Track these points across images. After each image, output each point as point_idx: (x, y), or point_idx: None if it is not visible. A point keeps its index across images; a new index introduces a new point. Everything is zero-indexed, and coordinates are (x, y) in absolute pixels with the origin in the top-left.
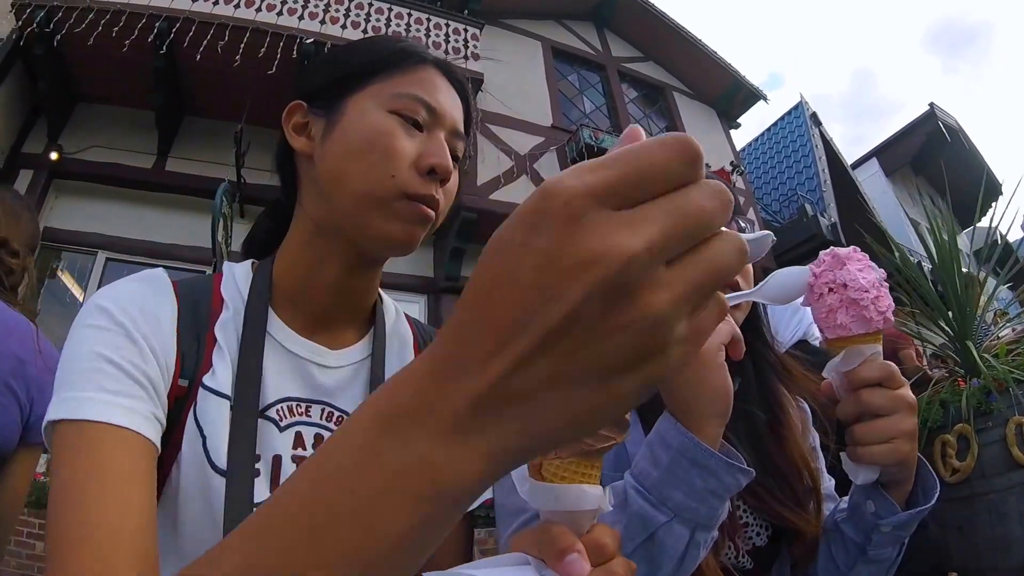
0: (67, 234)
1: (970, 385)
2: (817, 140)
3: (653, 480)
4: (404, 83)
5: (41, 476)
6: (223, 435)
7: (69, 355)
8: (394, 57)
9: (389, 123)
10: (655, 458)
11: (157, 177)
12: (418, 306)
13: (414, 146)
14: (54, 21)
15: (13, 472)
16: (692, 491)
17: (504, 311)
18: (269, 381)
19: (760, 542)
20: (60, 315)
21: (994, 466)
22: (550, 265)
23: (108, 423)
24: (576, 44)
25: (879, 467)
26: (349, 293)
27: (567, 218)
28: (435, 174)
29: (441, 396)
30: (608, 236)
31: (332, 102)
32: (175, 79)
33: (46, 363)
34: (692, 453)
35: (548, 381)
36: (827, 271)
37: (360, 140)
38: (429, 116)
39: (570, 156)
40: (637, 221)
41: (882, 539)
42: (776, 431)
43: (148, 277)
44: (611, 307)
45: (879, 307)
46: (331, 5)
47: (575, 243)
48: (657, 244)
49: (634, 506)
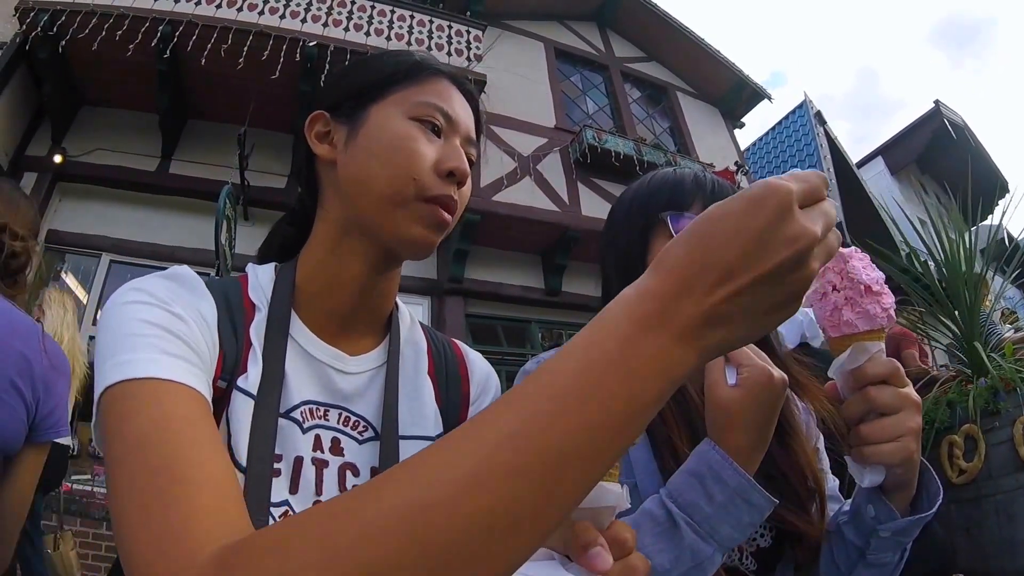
0: (71, 236)
1: (977, 385)
2: (822, 139)
3: (705, 515)
4: (422, 93)
5: None
6: (246, 433)
7: (112, 328)
8: (412, 69)
9: (411, 129)
10: (708, 493)
11: (161, 180)
12: (422, 308)
13: (434, 151)
14: (58, 25)
15: (19, 471)
16: (739, 525)
17: (730, 257)
18: (292, 383)
19: (764, 544)
20: None
21: (1002, 467)
22: (771, 233)
23: (178, 382)
24: (579, 45)
25: (884, 468)
26: (371, 295)
27: (785, 205)
28: (453, 177)
29: (679, 311)
30: (806, 223)
31: (355, 111)
32: (178, 82)
33: (51, 361)
34: (747, 494)
35: (746, 308)
36: (831, 269)
37: (384, 145)
38: (447, 123)
39: (573, 157)
40: (816, 216)
41: (881, 544)
42: (780, 434)
43: (179, 275)
44: (797, 266)
45: (883, 304)
46: (334, 8)
47: (789, 223)
48: (823, 231)
49: (688, 539)
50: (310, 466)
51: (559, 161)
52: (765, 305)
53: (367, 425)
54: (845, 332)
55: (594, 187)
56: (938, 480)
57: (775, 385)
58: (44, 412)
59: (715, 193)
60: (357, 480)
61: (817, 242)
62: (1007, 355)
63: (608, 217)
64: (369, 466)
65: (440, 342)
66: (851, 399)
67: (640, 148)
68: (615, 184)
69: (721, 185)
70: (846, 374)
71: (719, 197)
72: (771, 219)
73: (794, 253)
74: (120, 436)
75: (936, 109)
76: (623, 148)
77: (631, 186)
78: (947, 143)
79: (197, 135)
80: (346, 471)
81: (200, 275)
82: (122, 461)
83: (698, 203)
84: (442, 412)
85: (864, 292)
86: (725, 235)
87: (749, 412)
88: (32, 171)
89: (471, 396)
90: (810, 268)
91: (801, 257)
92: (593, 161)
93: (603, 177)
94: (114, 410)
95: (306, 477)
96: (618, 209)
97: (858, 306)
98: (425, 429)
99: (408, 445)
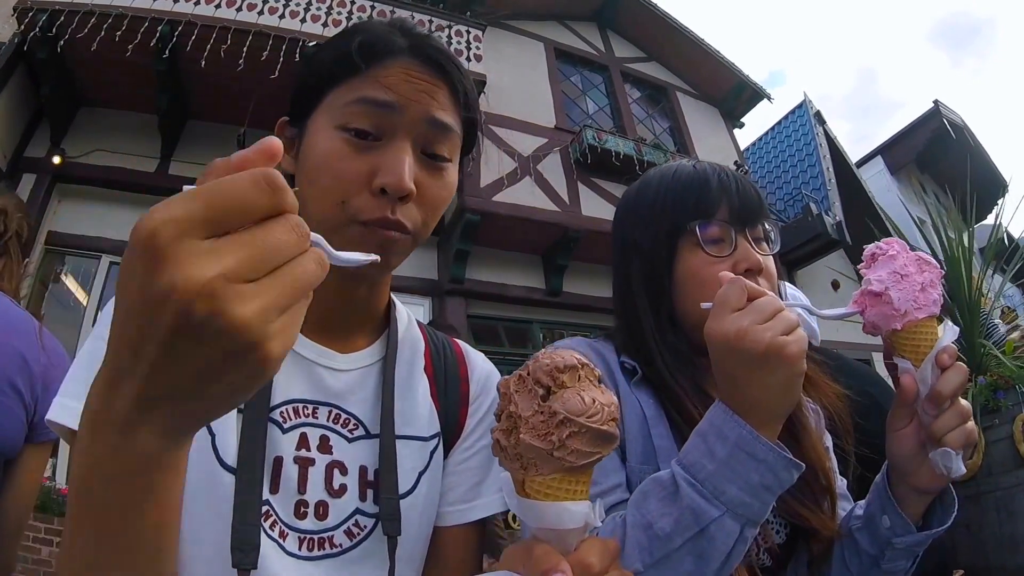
0: (71, 238)
1: (977, 383)
2: (821, 139)
3: (708, 472)
4: (357, 87)
5: (47, 480)
6: (231, 433)
7: (79, 354)
8: (352, 57)
9: (336, 142)
10: (710, 450)
11: (160, 181)
12: (423, 308)
13: (367, 164)
14: (56, 25)
15: (22, 471)
16: (748, 486)
17: (130, 332)
18: (278, 383)
19: (779, 539)
20: (64, 319)
21: (1002, 464)
22: (145, 294)
23: None
24: (579, 45)
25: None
26: (354, 301)
27: (152, 250)
28: (387, 194)
29: (112, 402)
30: (187, 266)
31: (300, 119)
32: (178, 83)
33: (50, 359)
34: (751, 447)
35: (181, 380)
36: (901, 254)
37: (312, 165)
38: (385, 117)
39: (573, 157)
40: (216, 251)
41: (896, 555)
42: (793, 431)
43: None
44: (200, 322)
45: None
46: (333, 8)
47: (158, 274)
48: (233, 271)
49: (686, 499)
50: (292, 465)
51: (559, 161)
52: (205, 367)
53: (358, 423)
54: (933, 312)
55: (594, 187)
56: (954, 491)
57: (723, 339)
58: (44, 411)
59: (740, 194)
60: (345, 479)
61: (215, 283)
62: (1007, 353)
63: (623, 214)
64: (358, 464)
65: (439, 341)
66: (951, 377)
67: (640, 148)
68: (615, 184)
69: (743, 183)
70: (939, 355)
71: (744, 197)
72: (142, 273)
73: (176, 311)
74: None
75: (935, 109)
76: (623, 148)
77: (649, 181)
78: (946, 143)
79: (196, 136)
80: (333, 469)
81: None
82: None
83: (724, 207)
84: (440, 411)
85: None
86: (120, 302)
87: (717, 364)
88: (31, 172)
89: (471, 395)
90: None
91: (192, 310)
92: (593, 161)
93: (603, 177)
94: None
95: (287, 476)
96: (638, 208)
97: (937, 288)
98: (417, 429)
99: (399, 445)
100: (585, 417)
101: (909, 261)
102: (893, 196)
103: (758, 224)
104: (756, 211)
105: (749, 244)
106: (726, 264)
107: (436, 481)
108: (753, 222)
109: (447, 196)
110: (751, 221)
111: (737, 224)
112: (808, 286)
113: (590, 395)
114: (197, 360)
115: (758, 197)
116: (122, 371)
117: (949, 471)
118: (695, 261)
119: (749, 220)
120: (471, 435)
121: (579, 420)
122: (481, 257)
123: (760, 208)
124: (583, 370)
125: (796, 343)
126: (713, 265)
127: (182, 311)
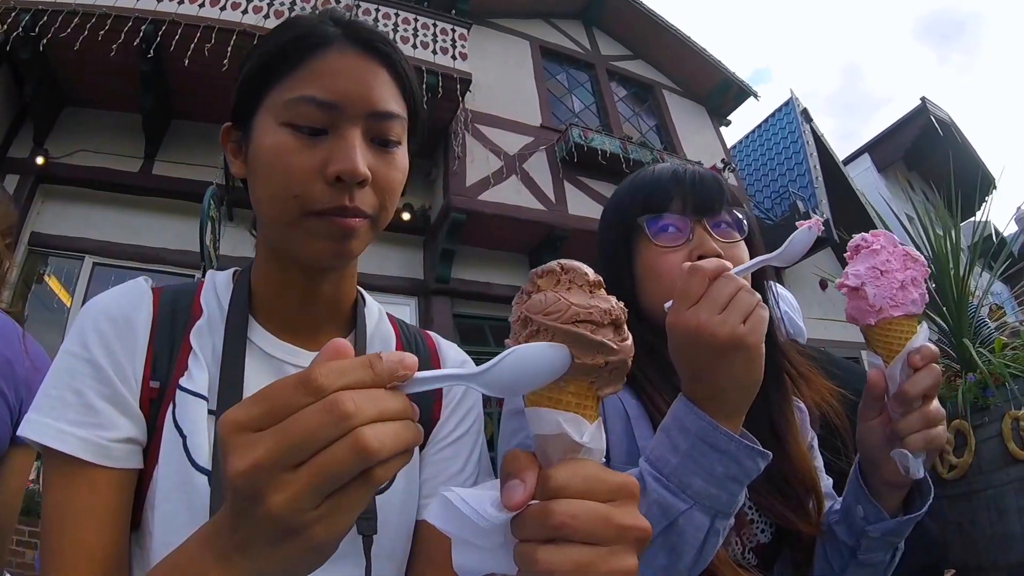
0: (54, 239)
1: (966, 380)
2: (808, 136)
3: (672, 467)
4: (297, 84)
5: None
6: (203, 435)
7: (52, 369)
8: (287, 52)
9: (281, 139)
10: (673, 444)
11: (144, 181)
12: (409, 308)
13: (317, 155)
14: (39, 25)
15: (8, 473)
16: (712, 477)
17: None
18: (250, 384)
19: (764, 539)
20: (47, 320)
21: (992, 461)
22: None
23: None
24: (565, 43)
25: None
26: (318, 298)
27: (222, 441)
28: (342, 182)
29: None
30: (235, 458)
31: (244, 122)
32: (162, 82)
33: (33, 363)
34: (712, 438)
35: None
36: (885, 248)
37: (261, 164)
38: (329, 113)
39: (559, 156)
40: (251, 444)
41: (872, 544)
42: (777, 431)
43: (129, 286)
44: (249, 506)
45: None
46: (318, 7)
47: (224, 462)
48: (265, 460)
49: (653, 494)
50: None
51: (545, 160)
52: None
53: None
54: (911, 312)
55: (581, 186)
56: (930, 480)
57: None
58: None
59: (695, 185)
60: None
61: (249, 473)
62: (996, 351)
63: (600, 221)
64: None
65: (411, 334)
66: (921, 378)
67: (627, 146)
68: (602, 183)
69: (703, 176)
70: (910, 355)
71: (700, 187)
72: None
73: (235, 494)
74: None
75: (922, 106)
76: (610, 146)
77: (617, 188)
78: (934, 140)
79: (181, 135)
80: None
81: (181, 277)
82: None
83: (677, 200)
84: None
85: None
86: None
87: (677, 357)
88: (14, 173)
89: (443, 388)
90: (270, 500)
91: (240, 495)
92: (580, 160)
93: (590, 176)
94: (43, 467)
95: None
96: (604, 213)
97: (920, 287)
98: None
99: None
100: (542, 315)
101: (893, 256)
102: (881, 194)
103: (719, 213)
104: (714, 199)
105: (707, 233)
106: (681, 254)
107: (414, 475)
108: (712, 211)
109: (401, 178)
110: (709, 210)
111: (694, 214)
112: (796, 285)
113: (561, 296)
114: (257, 536)
115: (718, 186)
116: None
117: (907, 471)
118: (648, 255)
119: (706, 209)
120: (446, 424)
121: (535, 318)
122: (467, 257)
123: (719, 196)
124: (566, 274)
125: (753, 333)
126: (666, 256)
127: (236, 491)
